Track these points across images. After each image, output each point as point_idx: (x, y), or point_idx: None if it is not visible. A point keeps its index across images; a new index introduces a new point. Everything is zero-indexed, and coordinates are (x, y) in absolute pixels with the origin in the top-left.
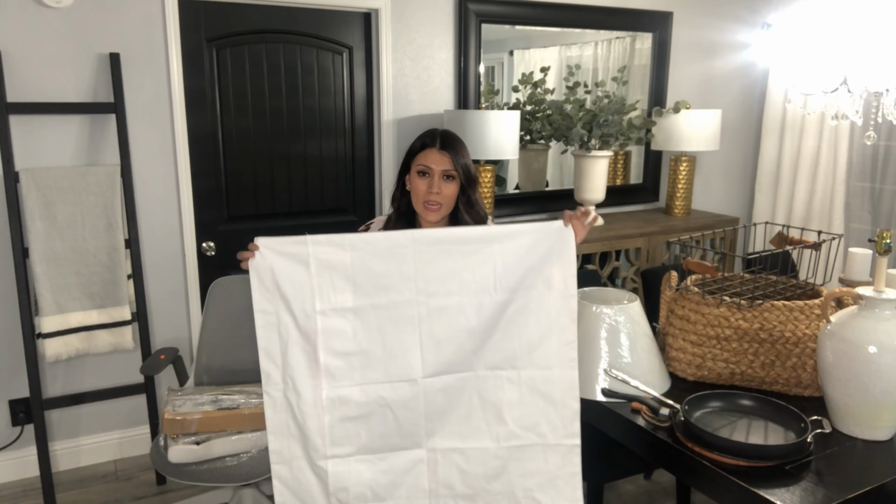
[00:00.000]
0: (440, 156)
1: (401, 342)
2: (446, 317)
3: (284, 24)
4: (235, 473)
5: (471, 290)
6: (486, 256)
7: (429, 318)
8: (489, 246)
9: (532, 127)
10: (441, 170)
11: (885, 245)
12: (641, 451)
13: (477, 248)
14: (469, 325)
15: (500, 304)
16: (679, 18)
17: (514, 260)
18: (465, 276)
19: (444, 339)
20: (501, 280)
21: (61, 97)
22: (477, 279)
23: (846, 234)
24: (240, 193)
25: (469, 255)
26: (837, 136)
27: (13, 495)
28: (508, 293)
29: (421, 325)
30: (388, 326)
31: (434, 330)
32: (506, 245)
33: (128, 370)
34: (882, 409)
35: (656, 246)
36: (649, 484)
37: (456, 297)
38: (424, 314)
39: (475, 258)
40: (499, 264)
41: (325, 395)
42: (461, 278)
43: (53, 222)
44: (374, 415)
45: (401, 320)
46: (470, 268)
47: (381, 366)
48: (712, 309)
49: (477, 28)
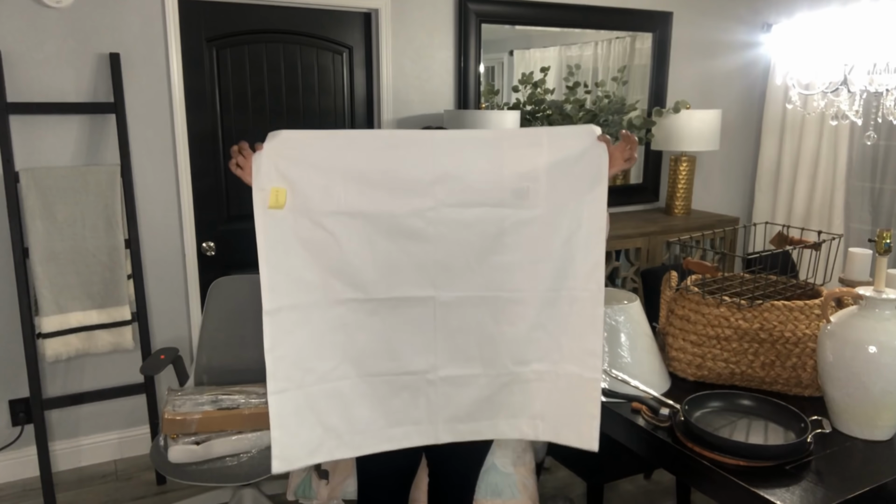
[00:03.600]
0: None
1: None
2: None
3: (284, 24)
4: (235, 473)
5: (491, 201)
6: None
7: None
8: (510, 151)
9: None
10: None
11: (885, 245)
12: (641, 451)
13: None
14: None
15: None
16: (679, 18)
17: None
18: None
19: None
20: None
21: (61, 97)
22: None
23: (846, 234)
24: (240, 193)
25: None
26: (837, 136)
27: (13, 495)
28: (536, 209)
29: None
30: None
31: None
32: (531, 152)
33: (128, 370)
34: (882, 409)
35: (656, 246)
36: (649, 484)
37: (476, 209)
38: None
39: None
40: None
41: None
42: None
43: (53, 222)
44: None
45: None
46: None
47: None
48: (712, 309)
49: (477, 28)
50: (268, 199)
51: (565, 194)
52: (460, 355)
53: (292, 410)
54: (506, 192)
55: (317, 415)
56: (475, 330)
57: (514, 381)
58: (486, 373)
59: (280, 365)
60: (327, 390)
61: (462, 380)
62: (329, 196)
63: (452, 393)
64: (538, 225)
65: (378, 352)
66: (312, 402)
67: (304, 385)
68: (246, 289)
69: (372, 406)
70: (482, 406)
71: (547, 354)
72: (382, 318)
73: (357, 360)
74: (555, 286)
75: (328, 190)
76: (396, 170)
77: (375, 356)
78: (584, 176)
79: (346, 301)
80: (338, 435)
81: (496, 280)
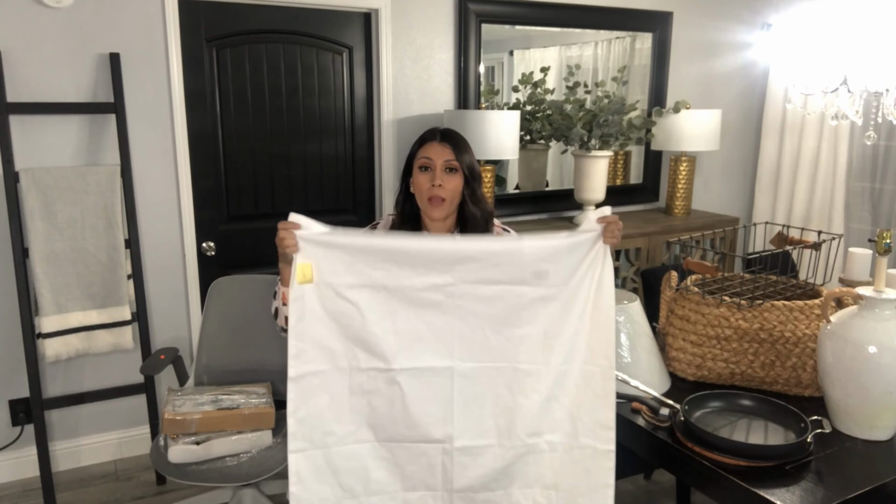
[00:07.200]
0: (441, 147)
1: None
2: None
3: (284, 24)
4: (235, 473)
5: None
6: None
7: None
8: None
9: (532, 127)
10: (443, 161)
11: (885, 245)
12: (641, 451)
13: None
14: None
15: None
16: (679, 18)
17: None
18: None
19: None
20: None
21: (61, 97)
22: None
23: (846, 234)
24: (240, 193)
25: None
26: (837, 136)
27: (13, 495)
28: (550, 288)
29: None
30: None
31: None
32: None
33: (128, 370)
34: (882, 409)
35: (656, 246)
36: (649, 484)
37: (494, 287)
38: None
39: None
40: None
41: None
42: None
43: (53, 222)
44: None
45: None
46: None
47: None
48: (712, 309)
49: (477, 28)
50: (297, 275)
51: (581, 274)
52: (476, 426)
53: (311, 469)
54: (526, 272)
55: (335, 474)
56: (491, 400)
57: (529, 453)
58: (500, 443)
59: (301, 426)
60: (346, 452)
61: (477, 450)
62: (353, 271)
63: (468, 462)
64: (555, 302)
65: (397, 419)
66: (331, 462)
67: (323, 446)
68: (246, 289)
69: (389, 470)
70: (497, 477)
71: (560, 426)
72: (402, 387)
73: (376, 426)
74: (568, 359)
75: (352, 266)
76: (420, 253)
77: (394, 423)
78: (596, 256)
79: (368, 370)
80: (354, 495)
81: (512, 351)
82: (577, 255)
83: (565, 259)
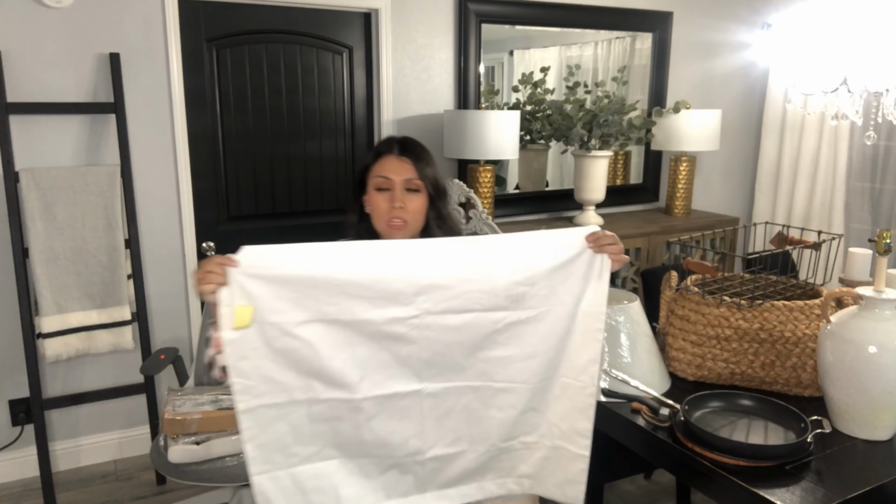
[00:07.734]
0: (399, 163)
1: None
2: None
3: (284, 25)
4: (235, 473)
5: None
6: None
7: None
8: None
9: (532, 127)
10: (402, 179)
11: (885, 245)
12: (641, 451)
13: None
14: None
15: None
16: (679, 18)
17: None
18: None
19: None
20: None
21: (61, 97)
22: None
23: (846, 234)
24: (240, 193)
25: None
26: (837, 136)
27: (13, 495)
28: (532, 310)
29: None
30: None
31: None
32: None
33: (128, 370)
34: (882, 409)
35: (656, 246)
36: (649, 484)
37: (469, 314)
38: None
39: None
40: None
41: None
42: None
43: (53, 222)
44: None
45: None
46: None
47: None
48: (712, 309)
49: (477, 28)
50: (233, 319)
51: (563, 294)
52: (448, 436)
53: (277, 490)
54: (500, 297)
55: (303, 494)
56: (464, 414)
57: (503, 452)
58: (474, 448)
59: (262, 451)
60: (313, 471)
61: (450, 457)
62: (301, 308)
63: (440, 468)
64: (533, 324)
65: (365, 441)
66: (298, 483)
67: (287, 466)
68: None
69: (360, 484)
70: (471, 474)
71: (536, 430)
72: (368, 413)
73: (342, 446)
74: (547, 376)
75: (299, 302)
76: (375, 284)
77: (361, 444)
78: (583, 275)
79: (328, 400)
80: None
81: (487, 372)
82: (559, 275)
83: (543, 281)
